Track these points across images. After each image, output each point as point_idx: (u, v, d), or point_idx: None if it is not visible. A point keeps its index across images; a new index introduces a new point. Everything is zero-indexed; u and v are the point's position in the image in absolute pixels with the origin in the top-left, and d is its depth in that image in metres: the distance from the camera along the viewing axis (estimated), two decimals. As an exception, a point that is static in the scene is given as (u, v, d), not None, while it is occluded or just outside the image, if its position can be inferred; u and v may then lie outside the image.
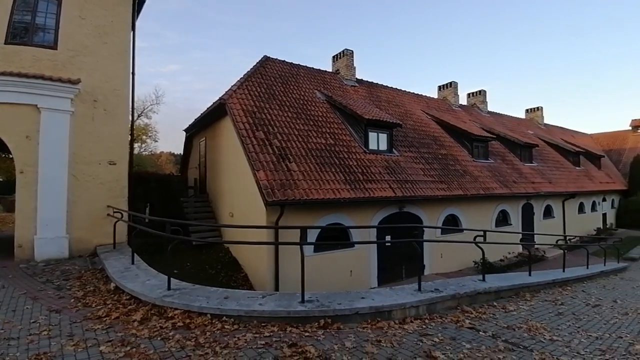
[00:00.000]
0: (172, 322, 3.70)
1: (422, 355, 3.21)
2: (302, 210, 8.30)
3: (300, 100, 11.30)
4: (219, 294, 4.30)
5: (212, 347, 3.12)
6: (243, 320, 3.74)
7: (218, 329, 3.54)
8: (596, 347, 3.82)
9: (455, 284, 5.55)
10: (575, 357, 3.48)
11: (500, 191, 12.89)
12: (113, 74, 8.02)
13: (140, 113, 30.11)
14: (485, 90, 21.14)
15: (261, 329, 3.55)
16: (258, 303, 3.99)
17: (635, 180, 22.23)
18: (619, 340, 4.11)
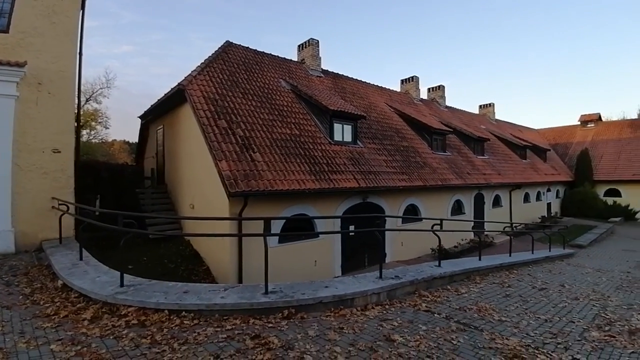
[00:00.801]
0: (125, 320, 3.52)
1: (382, 339, 3.35)
2: (267, 201, 8.21)
3: (265, 89, 11.05)
4: (178, 289, 4.15)
5: (169, 343, 3.01)
6: (204, 314, 3.64)
7: (176, 325, 3.42)
8: (546, 329, 4.06)
9: (414, 270, 5.82)
10: (525, 337, 3.76)
11: (456, 182, 13.64)
12: (60, 54, 7.43)
13: (88, 97, 27.71)
14: (444, 85, 22.06)
15: (223, 323, 3.49)
16: (220, 296, 3.90)
17: (581, 172, 24.29)
18: (570, 324, 4.31)
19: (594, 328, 4.18)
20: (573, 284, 6.80)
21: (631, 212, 21.99)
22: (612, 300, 5.58)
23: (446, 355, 3.13)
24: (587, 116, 29.37)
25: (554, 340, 3.71)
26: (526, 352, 3.31)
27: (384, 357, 2.95)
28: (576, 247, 13.44)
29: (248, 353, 2.88)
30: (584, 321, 4.44)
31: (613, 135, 25.95)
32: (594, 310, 4.92)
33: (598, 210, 22.11)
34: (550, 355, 3.28)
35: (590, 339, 3.81)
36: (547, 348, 3.48)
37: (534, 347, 3.48)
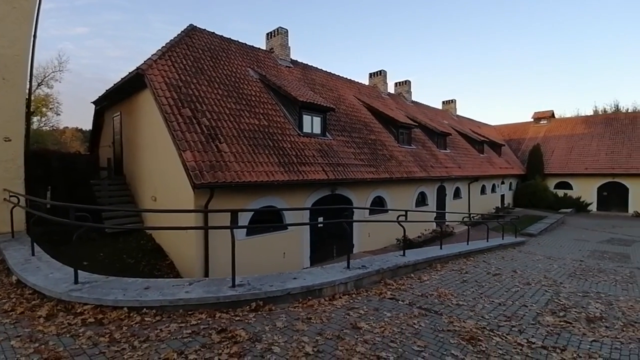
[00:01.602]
0: (81, 318, 3.33)
1: (348, 327, 3.43)
2: (234, 193, 8.03)
3: (232, 78, 10.71)
4: (139, 285, 3.97)
5: (129, 342, 2.90)
6: (167, 310, 3.52)
7: (137, 322, 3.28)
8: (500, 312, 4.35)
9: (380, 260, 6.01)
10: (480, 320, 4.02)
11: (421, 175, 14.16)
12: (17, 39, 7.03)
13: (40, 81, 25.40)
14: (410, 80, 22.66)
15: (188, 318, 3.39)
16: (184, 291, 3.79)
17: (532, 166, 25.99)
18: (523, 308, 4.61)
19: (547, 313, 4.46)
20: (524, 270, 7.31)
21: (583, 204, 23.84)
22: (565, 287, 5.96)
23: (408, 339, 3.27)
24: (540, 113, 31.50)
25: (507, 323, 3.99)
26: (482, 334, 3.55)
27: (350, 345, 3.03)
28: (527, 235, 14.49)
29: (214, 347, 2.84)
30: (536, 306, 4.75)
31: (565, 132, 27.97)
32: (546, 296, 5.29)
33: (548, 201, 23.87)
34: (505, 338, 3.54)
35: (544, 323, 4.06)
36: (502, 330, 3.76)
37: (489, 330, 3.73)
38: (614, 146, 24.22)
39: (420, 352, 3.02)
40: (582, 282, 6.55)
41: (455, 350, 3.12)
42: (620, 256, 10.82)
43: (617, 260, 9.90)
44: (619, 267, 8.53)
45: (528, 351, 3.24)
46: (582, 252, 11.46)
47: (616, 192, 23.15)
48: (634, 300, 5.34)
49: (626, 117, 26.92)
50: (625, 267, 8.70)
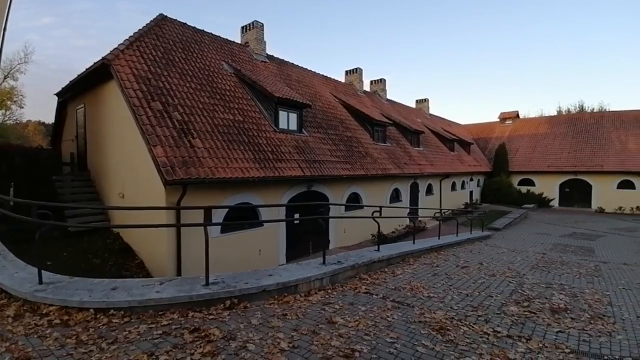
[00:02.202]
0: (47, 319, 3.21)
1: (324, 323, 3.47)
2: (208, 190, 7.85)
3: (205, 71, 10.41)
4: (105, 286, 3.81)
5: (96, 343, 2.79)
6: (136, 311, 3.40)
7: (104, 324, 3.16)
8: (467, 303, 4.55)
9: (355, 255, 6.10)
10: (450, 311, 4.19)
11: (395, 172, 14.48)
12: None
13: (6, 74, 23.74)
14: (385, 79, 23.03)
15: (158, 318, 3.30)
16: (155, 291, 3.67)
17: (498, 164, 27.30)
18: (489, 298, 4.83)
19: (512, 303, 4.69)
20: (490, 262, 7.66)
21: (545, 200, 25.22)
22: (528, 278, 6.26)
23: (382, 331, 3.36)
24: (506, 114, 33.09)
25: (474, 313, 4.18)
26: (451, 324, 3.70)
27: (325, 339, 3.06)
28: (493, 230, 15.20)
29: (186, 347, 2.77)
30: (501, 296, 4.99)
31: (529, 131, 29.48)
32: (510, 287, 5.56)
33: (512, 197, 25.16)
34: (472, 327, 3.71)
35: (509, 313, 4.27)
36: (469, 320, 3.93)
37: (457, 319, 3.90)
38: (577, 145, 25.67)
39: (393, 344, 3.10)
40: (545, 274, 6.87)
41: (426, 340, 3.24)
42: (584, 250, 11.38)
43: (580, 254, 10.45)
44: (582, 261, 8.97)
45: (494, 340, 3.42)
46: (545, 245, 12.12)
47: (579, 189, 24.56)
48: (601, 293, 5.53)
49: (591, 117, 28.58)
50: (589, 260, 9.16)
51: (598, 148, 24.52)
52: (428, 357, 2.90)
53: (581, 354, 3.26)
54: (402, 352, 2.97)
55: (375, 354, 2.88)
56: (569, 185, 25.01)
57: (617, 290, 5.81)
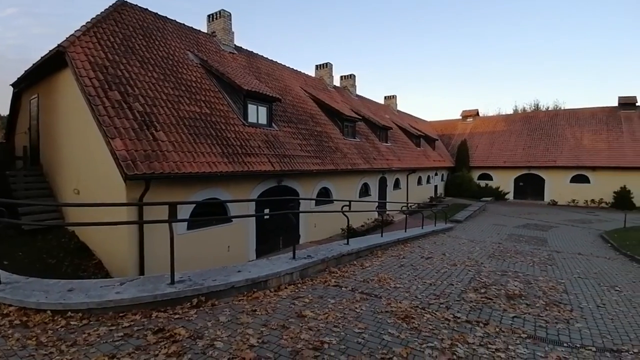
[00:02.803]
0: (8, 319, 3.09)
1: (294, 317, 3.49)
2: (173, 185, 7.55)
3: (169, 60, 9.94)
4: (61, 287, 3.59)
5: (56, 345, 2.69)
6: (95, 313, 3.24)
7: (62, 326, 3.01)
8: (431, 292, 4.78)
9: (325, 249, 6.18)
10: (414, 300, 4.38)
11: (364, 166, 14.75)
12: None
13: None
14: (354, 74, 23.26)
15: (119, 320, 3.16)
16: (115, 292, 3.50)
17: (460, 160, 28.70)
18: (450, 287, 5.09)
19: (470, 290, 4.98)
20: (452, 252, 8.08)
21: (501, 193, 26.91)
22: (485, 267, 6.68)
23: (350, 322, 3.44)
24: (467, 112, 34.76)
25: (437, 301, 4.40)
26: (415, 313, 3.87)
27: (295, 333, 3.09)
28: (455, 222, 15.99)
29: (150, 349, 2.68)
30: (461, 284, 5.29)
31: (488, 128, 31.19)
32: (469, 275, 5.91)
33: (473, 191, 26.61)
34: (435, 314, 3.91)
35: (468, 299, 4.54)
36: (432, 308, 4.14)
37: (421, 308, 4.09)
38: (532, 142, 27.43)
39: (361, 334, 3.20)
40: (501, 262, 7.35)
41: (392, 329, 3.36)
42: (537, 240, 12.19)
43: (533, 244, 11.22)
44: (536, 250, 9.63)
45: (454, 325, 3.62)
46: (500, 235, 12.93)
47: (533, 183, 26.29)
48: (555, 281, 5.94)
49: (546, 115, 30.58)
50: (542, 250, 9.84)
51: (551, 144, 26.33)
52: (394, 345, 3.02)
53: (538, 339, 3.48)
54: (370, 341, 3.07)
55: (344, 345, 2.95)
56: (523, 180, 26.78)
57: (573, 279, 6.24)
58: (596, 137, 24.86)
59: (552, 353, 3.09)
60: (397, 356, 2.82)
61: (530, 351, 3.12)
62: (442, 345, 3.08)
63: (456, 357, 2.88)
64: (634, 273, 7.24)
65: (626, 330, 3.97)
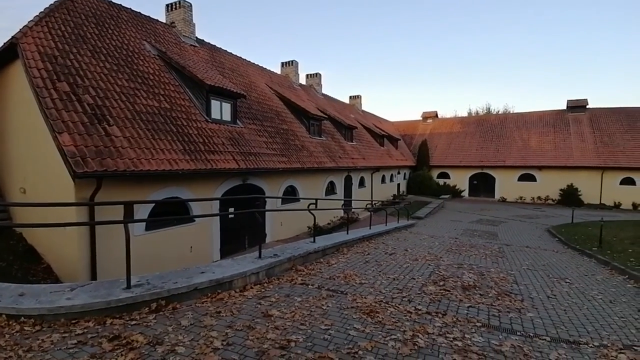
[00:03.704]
0: None
1: (260, 317, 3.44)
2: (130, 184, 7.11)
3: (123, 50, 9.33)
4: (12, 291, 3.37)
5: (14, 350, 2.55)
6: (47, 319, 3.04)
7: (17, 331, 2.84)
8: (394, 286, 4.94)
9: (291, 247, 6.15)
10: (379, 295, 4.50)
11: (330, 165, 14.88)
12: None
13: None
14: (320, 73, 23.37)
15: (72, 327, 2.94)
16: (65, 297, 3.24)
17: (420, 159, 29.99)
18: (412, 281, 5.29)
19: (430, 283, 5.21)
20: (414, 248, 8.41)
21: (458, 191, 28.53)
22: (443, 260, 7.02)
23: (317, 320, 3.46)
24: (427, 113, 36.37)
25: (400, 295, 4.57)
26: (379, 307, 3.99)
27: (261, 333, 3.05)
28: (416, 218, 16.69)
29: (106, 356, 2.52)
30: (422, 278, 5.53)
31: (446, 130, 32.85)
32: (429, 269, 6.19)
33: (432, 189, 27.93)
34: (398, 307, 4.05)
35: (428, 292, 4.75)
36: (395, 301, 4.28)
37: (385, 302, 4.21)
38: (484, 143, 29.34)
39: (327, 330, 3.23)
40: (457, 256, 7.79)
41: (357, 324, 3.44)
42: (488, 234, 13.04)
43: (485, 238, 11.98)
44: (487, 243, 10.31)
45: (416, 317, 3.78)
46: (457, 230, 13.68)
47: (485, 181, 28.18)
48: (506, 272, 6.36)
49: (496, 118, 32.76)
50: (493, 243, 10.53)
51: (501, 146, 28.33)
52: (359, 339, 3.09)
53: (492, 327, 3.70)
54: (336, 337, 3.11)
55: (310, 342, 2.96)
56: (476, 178, 28.59)
57: (522, 270, 6.71)
58: (543, 138, 27.05)
59: (507, 341, 3.29)
60: (362, 350, 2.88)
61: (485, 339, 3.33)
62: (404, 337, 3.19)
63: (417, 347, 3.01)
64: (585, 267, 7.57)
65: (582, 322, 4.10)
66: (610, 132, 24.87)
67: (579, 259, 8.57)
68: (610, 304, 4.89)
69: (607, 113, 26.32)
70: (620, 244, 9.68)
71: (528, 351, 3.11)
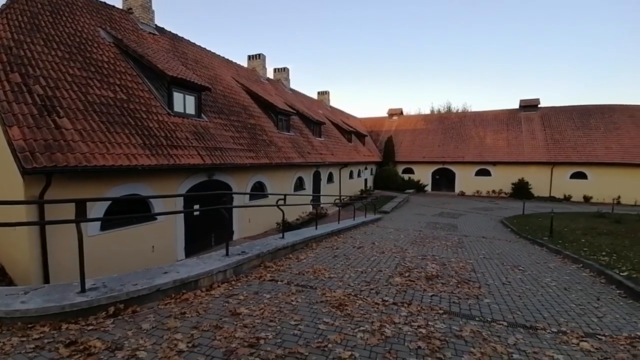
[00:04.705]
0: None
1: (227, 315, 3.37)
2: (84, 180, 6.63)
3: (77, 38, 8.65)
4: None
5: None
6: (5, 322, 2.85)
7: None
8: (362, 279, 5.04)
9: (260, 244, 6.07)
10: (347, 288, 4.57)
11: (299, 160, 14.83)
12: None
13: None
14: (288, 68, 23.15)
15: (28, 332, 2.76)
16: (20, 301, 3.03)
17: (386, 155, 30.84)
18: (379, 273, 5.42)
19: (396, 275, 5.38)
20: (381, 241, 8.63)
21: (421, 186, 29.72)
22: (409, 252, 7.26)
23: (286, 316, 3.45)
24: (392, 110, 37.37)
25: (367, 287, 4.67)
26: (348, 300, 4.05)
27: (229, 332, 2.98)
28: (383, 212, 17.14)
29: (61, 365, 2.35)
30: (389, 270, 5.68)
31: (410, 126, 33.95)
32: (395, 261, 6.38)
33: (398, 184, 28.88)
34: (366, 300, 4.14)
35: (394, 283, 4.90)
36: (363, 294, 4.37)
37: (353, 295, 4.29)
38: (445, 139, 30.71)
39: (297, 326, 3.23)
40: (421, 248, 8.09)
41: (327, 317, 3.47)
42: (449, 226, 13.66)
43: (447, 230, 12.55)
44: (448, 235, 10.80)
45: (383, 308, 3.88)
46: (421, 223, 14.22)
47: (446, 176, 29.59)
48: (465, 261, 6.71)
49: (456, 116, 34.35)
50: (454, 234, 11.05)
51: (460, 142, 29.83)
52: (329, 332, 3.12)
53: (453, 314, 3.89)
54: (306, 331, 3.12)
55: (280, 338, 2.95)
56: (438, 173, 29.93)
57: (479, 259, 7.09)
58: (497, 136, 28.81)
59: (467, 327, 3.48)
60: (331, 343, 2.92)
61: (447, 325, 3.50)
62: (372, 328, 3.28)
63: (384, 337, 3.10)
64: (536, 255, 7.96)
65: (537, 308, 4.27)
66: (561, 129, 26.86)
67: (531, 248, 9.18)
68: (565, 291, 5.14)
69: (559, 111, 28.43)
70: (572, 234, 10.48)
71: (487, 335, 3.31)
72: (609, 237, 9.78)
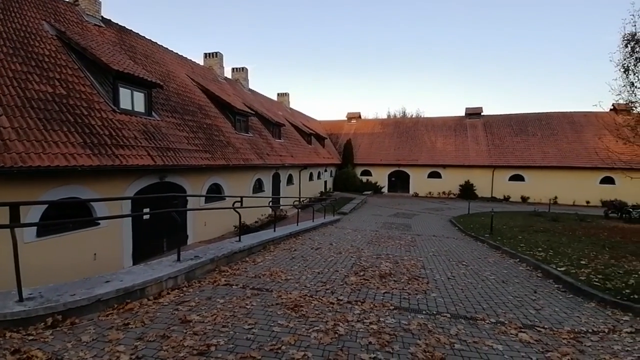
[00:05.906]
0: None
1: (177, 323, 3.24)
2: (18, 182, 5.98)
3: (21, 32, 7.94)
4: None
5: None
6: None
7: None
8: (319, 280, 5.10)
9: (215, 248, 5.90)
10: (304, 289, 4.60)
11: (257, 162, 14.62)
12: None
13: None
14: (247, 68, 22.75)
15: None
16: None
17: (346, 157, 31.54)
18: (336, 273, 5.51)
19: (352, 274, 5.51)
20: (338, 242, 8.80)
21: (379, 187, 30.80)
22: (364, 252, 7.47)
23: (240, 320, 3.40)
24: (351, 114, 38.30)
25: (324, 287, 4.74)
26: (304, 301, 4.09)
27: (177, 341, 2.87)
28: (341, 214, 17.45)
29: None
30: (345, 270, 5.81)
31: (368, 130, 35.01)
32: (352, 261, 6.54)
33: (356, 186, 29.65)
34: (321, 300, 4.20)
35: (350, 283, 5.03)
36: (319, 294, 4.44)
37: (309, 296, 4.34)
38: (400, 143, 32.09)
39: (251, 329, 3.20)
40: (377, 247, 8.37)
41: (282, 319, 3.48)
42: (403, 226, 14.28)
43: (401, 229, 13.10)
44: (402, 234, 11.27)
45: (337, 307, 3.98)
46: (377, 224, 14.71)
47: (401, 178, 30.95)
48: (416, 259, 7.06)
49: (410, 121, 36.10)
50: (407, 234, 11.54)
51: (414, 146, 31.39)
52: (283, 334, 3.13)
53: (402, 309, 4.09)
54: (259, 335, 3.10)
55: (232, 344, 2.90)
56: (394, 175, 31.25)
57: (429, 257, 7.49)
58: (446, 140, 30.73)
59: (414, 320, 3.68)
60: (285, 345, 2.93)
61: (396, 320, 3.67)
62: (326, 327, 3.34)
63: (337, 335, 3.18)
64: (478, 251, 8.65)
65: (477, 300, 4.57)
66: (501, 135, 29.30)
67: (474, 244, 9.93)
68: (503, 283, 5.57)
69: (499, 119, 30.97)
70: (510, 231, 11.47)
71: (432, 327, 3.53)
72: (546, 234, 10.84)
